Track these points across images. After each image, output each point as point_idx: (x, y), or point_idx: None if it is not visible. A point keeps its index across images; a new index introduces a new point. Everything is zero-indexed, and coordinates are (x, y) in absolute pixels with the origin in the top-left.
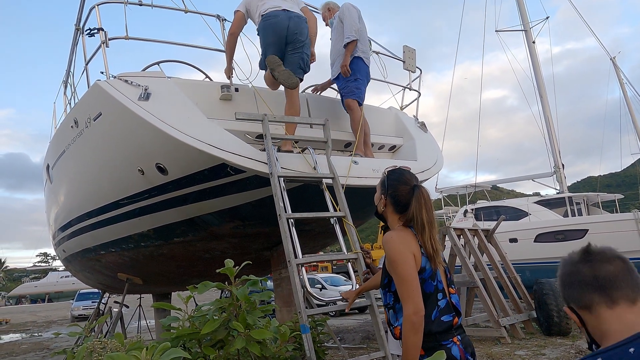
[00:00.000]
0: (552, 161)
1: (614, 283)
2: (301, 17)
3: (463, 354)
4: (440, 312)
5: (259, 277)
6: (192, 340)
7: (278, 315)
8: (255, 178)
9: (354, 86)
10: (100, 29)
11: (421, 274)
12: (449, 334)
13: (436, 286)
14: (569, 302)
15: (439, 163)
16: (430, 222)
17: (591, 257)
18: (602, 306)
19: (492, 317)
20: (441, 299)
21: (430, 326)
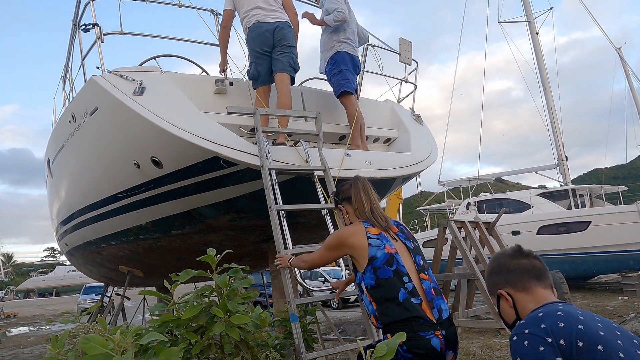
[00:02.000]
0: (556, 153)
1: (543, 273)
2: (285, 25)
3: (444, 347)
4: (409, 293)
5: (258, 271)
6: (178, 327)
7: (275, 306)
8: (248, 171)
9: (340, 78)
10: (95, 24)
11: (371, 263)
12: (431, 326)
13: (396, 270)
14: (506, 285)
15: (432, 155)
16: (369, 198)
17: (525, 253)
18: (538, 287)
19: (493, 309)
20: (407, 281)
21: (400, 309)
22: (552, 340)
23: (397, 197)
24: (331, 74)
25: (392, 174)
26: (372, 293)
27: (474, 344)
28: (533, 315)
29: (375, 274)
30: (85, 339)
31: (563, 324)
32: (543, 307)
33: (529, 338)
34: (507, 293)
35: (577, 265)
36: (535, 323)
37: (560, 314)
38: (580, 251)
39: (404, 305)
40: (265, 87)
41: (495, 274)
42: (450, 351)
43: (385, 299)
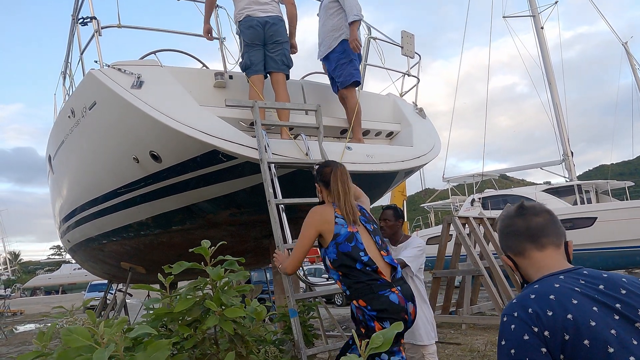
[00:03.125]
0: (561, 149)
1: (541, 232)
2: (276, 19)
3: (402, 300)
4: (364, 263)
5: (260, 267)
6: (172, 321)
7: (277, 302)
8: (248, 164)
9: (352, 68)
10: (93, 17)
11: (335, 238)
12: (386, 285)
13: (354, 246)
14: (506, 250)
15: (435, 149)
16: (345, 191)
17: (524, 211)
18: (533, 251)
19: (498, 305)
20: (363, 255)
21: (359, 275)
22: (537, 330)
23: (402, 193)
24: (339, 62)
25: (394, 168)
26: (335, 265)
27: (479, 340)
28: (526, 293)
29: (337, 248)
30: (67, 330)
31: (551, 313)
32: (539, 283)
33: (516, 323)
34: (509, 257)
35: (583, 262)
36: (524, 305)
37: (552, 297)
38: (586, 247)
39: (361, 272)
40: (259, 76)
41: (499, 238)
42: (409, 302)
43: (345, 268)
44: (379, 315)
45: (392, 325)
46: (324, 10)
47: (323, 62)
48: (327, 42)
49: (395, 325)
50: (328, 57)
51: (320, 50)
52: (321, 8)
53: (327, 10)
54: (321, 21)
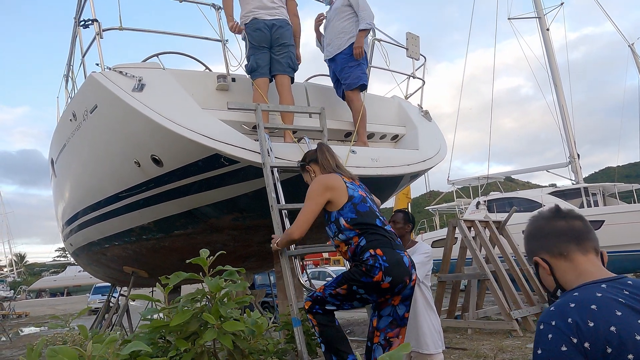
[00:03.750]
0: (567, 151)
1: (585, 235)
2: (283, 22)
3: (410, 265)
4: (383, 223)
5: (264, 271)
6: (171, 333)
7: (280, 308)
8: (250, 168)
9: (359, 72)
10: (94, 20)
11: (351, 200)
12: (401, 247)
13: (370, 207)
14: (542, 251)
15: (441, 152)
16: (334, 158)
17: (564, 214)
18: (577, 253)
19: (504, 309)
20: (379, 217)
21: (380, 231)
22: (577, 341)
23: (406, 196)
24: (348, 64)
25: (400, 172)
26: (353, 224)
27: (485, 345)
28: (565, 301)
29: (355, 208)
30: (52, 351)
31: (593, 324)
32: (580, 291)
33: (554, 332)
34: (544, 260)
35: None
36: (563, 314)
37: (593, 307)
38: None
39: (382, 228)
40: (264, 79)
41: (531, 239)
42: (413, 269)
43: (366, 225)
44: (388, 268)
45: (400, 347)
46: (336, 12)
47: (328, 63)
48: (336, 42)
49: (404, 346)
50: (335, 59)
51: (328, 51)
52: (332, 10)
53: (339, 13)
54: (330, 22)
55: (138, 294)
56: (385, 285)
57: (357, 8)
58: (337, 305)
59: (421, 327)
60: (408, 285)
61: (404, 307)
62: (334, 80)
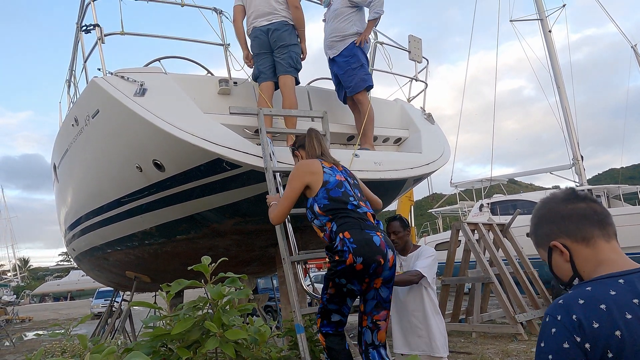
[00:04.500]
0: (571, 153)
1: (607, 219)
2: (280, 25)
3: (384, 245)
4: (355, 205)
5: (266, 275)
6: (172, 341)
7: (283, 313)
8: (253, 173)
9: (362, 73)
10: (96, 25)
11: (325, 185)
12: (373, 228)
13: (344, 192)
14: (562, 235)
15: (445, 155)
16: (320, 146)
17: (582, 196)
18: (600, 239)
19: (508, 313)
20: (353, 200)
21: (351, 213)
22: (580, 340)
23: (409, 199)
24: (350, 66)
25: (403, 175)
26: (325, 209)
27: (490, 349)
28: (575, 295)
29: (328, 194)
30: None
31: (598, 325)
32: (593, 286)
33: (558, 327)
34: (563, 245)
35: None
36: (569, 310)
37: (602, 307)
38: None
39: (353, 211)
40: (268, 83)
41: (546, 223)
42: (389, 249)
43: (336, 210)
44: (357, 249)
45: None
46: (335, 14)
47: (330, 65)
48: (335, 44)
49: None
50: (335, 60)
51: (328, 53)
52: (330, 11)
53: (338, 15)
54: (329, 24)
55: (139, 301)
56: (359, 266)
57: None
58: (337, 309)
59: (432, 331)
60: (385, 266)
61: (386, 289)
62: (335, 83)
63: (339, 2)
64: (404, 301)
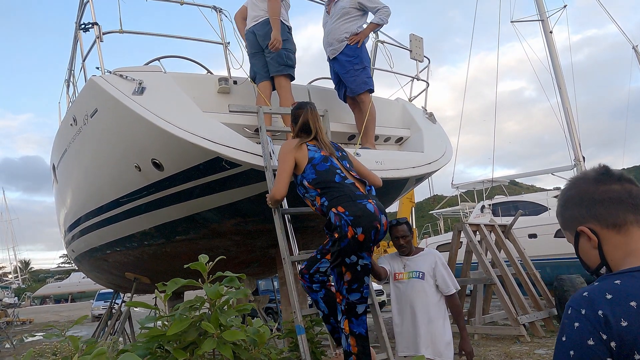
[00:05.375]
0: (572, 154)
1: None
2: (263, 23)
3: (377, 210)
4: (342, 178)
5: (267, 276)
6: (169, 342)
7: (284, 314)
8: (252, 172)
9: (365, 76)
10: (95, 23)
11: (311, 161)
12: (364, 196)
13: (330, 165)
14: (591, 220)
15: (447, 154)
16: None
17: (616, 175)
18: (634, 225)
19: (511, 314)
20: (340, 172)
21: (339, 186)
22: (606, 338)
23: (410, 200)
24: (353, 67)
25: (405, 174)
26: (314, 183)
27: (492, 351)
28: (602, 288)
29: (315, 169)
30: None
31: (627, 323)
32: (623, 278)
33: (582, 322)
34: (592, 230)
35: None
36: (595, 304)
37: (632, 304)
38: None
39: (341, 184)
40: (266, 82)
41: (575, 205)
42: (382, 215)
43: (325, 184)
44: (354, 221)
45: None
46: (340, 13)
47: (330, 63)
48: (338, 43)
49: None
50: (337, 59)
51: (329, 51)
52: (336, 8)
53: (344, 15)
54: (333, 21)
55: (135, 302)
56: (360, 237)
57: (372, 2)
58: (360, 297)
59: (441, 335)
60: (380, 230)
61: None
62: (335, 81)
63: (346, 1)
64: (410, 304)
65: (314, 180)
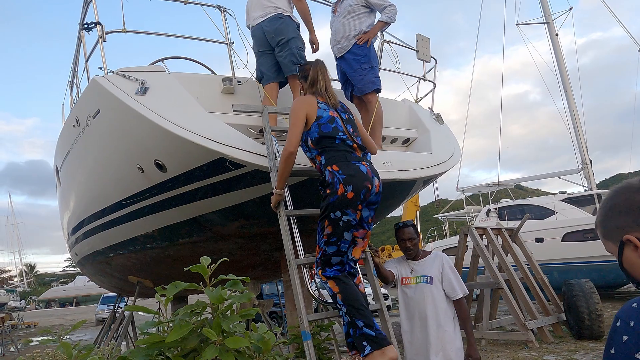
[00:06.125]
0: (579, 157)
1: None
2: (274, 18)
3: (370, 172)
4: (342, 140)
5: (272, 280)
6: (170, 349)
7: (288, 319)
8: (257, 173)
9: (372, 76)
10: (98, 22)
11: (318, 120)
12: (358, 159)
13: (334, 127)
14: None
15: (455, 156)
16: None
17: None
18: None
19: (519, 320)
20: (342, 135)
21: (338, 146)
22: None
23: (414, 204)
24: (361, 66)
25: (413, 176)
26: (315, 142)
27: (500, 357)
28: None
29: (319, 128)
30: None
31: None
32: None
33: (631, 335)
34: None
35: (606, 274)
36: None
37: None
38: (608, 259)
39: (339, 145)
40: (273, 84)
41: (619, 214)
42: (375, 177)
43: (325, 143)
44: (346, 179)
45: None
46: (348, 10)
47: (337, 62)
48: (345, 41)
49: None
50: (344, 57)
51: (336, 49)
52: (343, 5)
53: (351, 12)
54: (340, 19)
55: (136, 306)
56: (350, 194)
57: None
58: (337, 251)
59: (451, 341)
60: (372, 191)
61: (367, 210)
62: (342, 81)
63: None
64: (419, 310)
65: (316, 140)
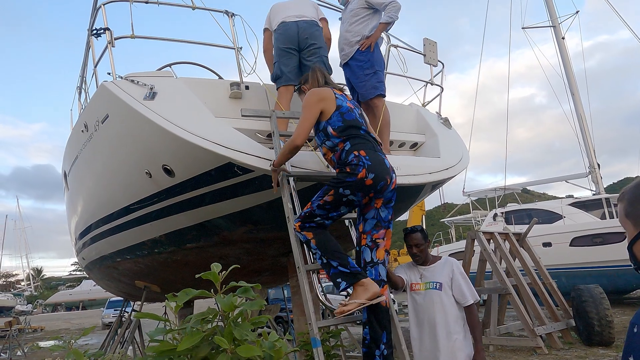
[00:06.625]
0: (587, 161)
1: None
2: (311, 23)
3: (391, 166)
4: (366, 132)
5: (278, 285)
6: (180, 357)
7: (296, 325)
8: (265, 178)
9: (375, 81)
10: (107, 28)
11: (339, 109)
12: (382, 152)
13: (356, 118)
14: None
15: (464, 160)
16: (324, 76)
17: None
18: None
19: (527, 325)
20: (363, 127)
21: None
22: None
23: (420, 208)
24: (364, 72)
25: (422, 180)
26: (339, 130)
27: None
28: None
29: (342, 117)
30: None
31: None
32: None
33: None
34: None
35: (615, 279)
36: None
37: None
38: (617, 264)
39: (365, 135)
40: (288, 87)
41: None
42: (393, 173)
43: (350, 132)
44: (371, 166)
45: None
46: (349, 15)
47: (343, 69)
48: (348, 48)
49: None
50: (348, 64)
51: (341, 56)
52: (346, 11)
53: (352, 17)
54: (344, 26)
55: (144, 313)
56: (369, 181)
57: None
58: (324, 215)
59: (462, 349)
60: (389, 186)
61: (386, 210)
62: (349, 87)
63: (355, 2)
64: (428, 316)
65: (340, 128)
